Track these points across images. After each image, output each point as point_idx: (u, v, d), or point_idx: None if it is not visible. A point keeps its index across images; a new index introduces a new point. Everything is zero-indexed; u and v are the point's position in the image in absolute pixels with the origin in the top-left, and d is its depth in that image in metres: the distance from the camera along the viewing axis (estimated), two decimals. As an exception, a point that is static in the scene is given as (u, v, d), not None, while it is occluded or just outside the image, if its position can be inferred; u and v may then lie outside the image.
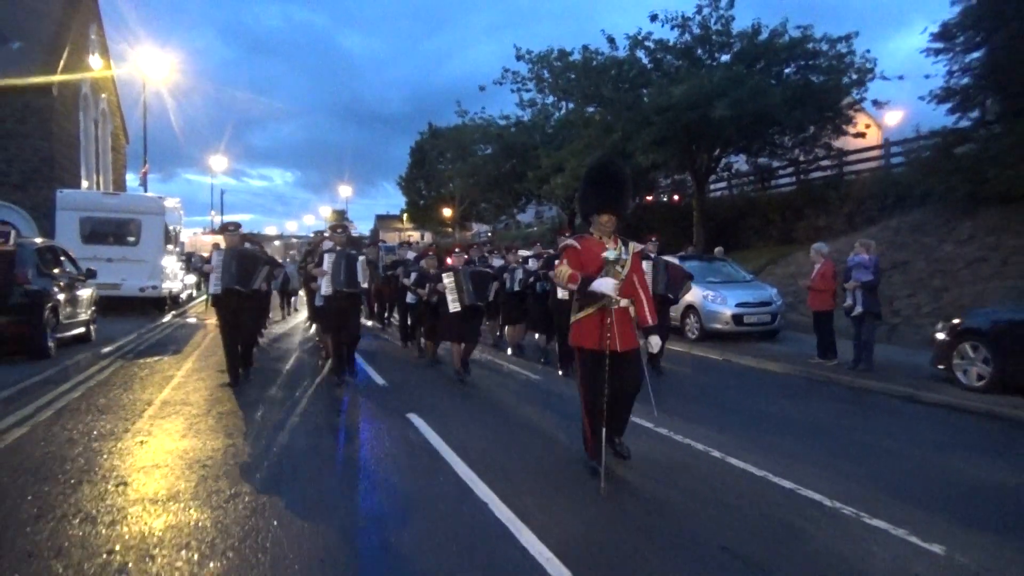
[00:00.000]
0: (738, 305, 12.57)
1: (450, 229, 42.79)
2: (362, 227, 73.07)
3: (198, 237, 35.68)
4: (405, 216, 51.95)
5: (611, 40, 19.38)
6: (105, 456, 5.07)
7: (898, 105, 22.15)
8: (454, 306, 8.35)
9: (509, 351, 11.09)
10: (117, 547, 3.49)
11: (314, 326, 11.98)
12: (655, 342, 5.00)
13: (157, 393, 7.45)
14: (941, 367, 8.12)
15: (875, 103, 19.24)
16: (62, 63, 21.94)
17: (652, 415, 5.74)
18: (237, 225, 8.56)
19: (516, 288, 10.30)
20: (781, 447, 5.62)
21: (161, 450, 5.26)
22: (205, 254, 14.99)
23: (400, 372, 9.34)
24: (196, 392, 7.59)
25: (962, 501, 4.47)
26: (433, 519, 3.97)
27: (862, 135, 19.64)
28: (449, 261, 9.04)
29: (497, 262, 11.74)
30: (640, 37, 18.86)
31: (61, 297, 9.36)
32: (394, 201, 50.95)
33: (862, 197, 18.42)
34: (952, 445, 5.95)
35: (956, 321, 8.16)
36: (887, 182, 17.53)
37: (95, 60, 26.06)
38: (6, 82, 19.92)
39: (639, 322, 4.97)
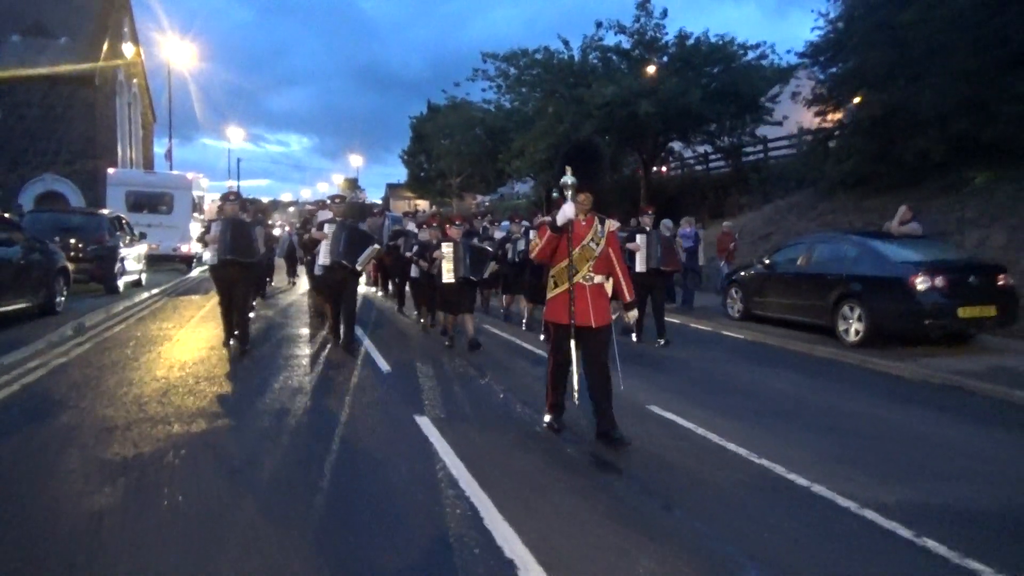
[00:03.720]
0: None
1: (449, 199, 46.55)
2: (373, 195, 76.50)
3: (215, 204, 39.56)
4: (406, 188, 55.61)
5: (566, 43, 22.90)
6: (162, 344, 8.95)
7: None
8: (448, 276, 8.41)
9: (504, 312, 11.46)
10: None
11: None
12: (633, 315, 5.32)
13: (193, 314, 11.31)
14: (723, 306, 11.84)
15: (792, 97, 22.61)
16: (102, 55, 25.72)
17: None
18: (236, 194, 8.65)
19: (518, 259, 10.15)
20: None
21: (183, 352, 9.07)
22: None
23: (405, 353, 8.45)
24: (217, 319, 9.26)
25: (716, 392, 8.11)
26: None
27: (779, 124, 23.01)
28: (450, 232, 8.80)
29: (499, 234, 11.82)
30: (593, 40, 22.43)
31: (124, 252, 13.23)
32: (404, 171, 54.00)
33: (772, 179, 21.96)
34: (715, 358, 9.20)
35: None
36: (785, 168, 21.03)
37: (128, 48, 29.74)
38: (53, 71, 23.72)
39: (618, 298, 5.20)
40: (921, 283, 8.21)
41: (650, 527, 3.55)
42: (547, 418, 5.22)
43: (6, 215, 10.39)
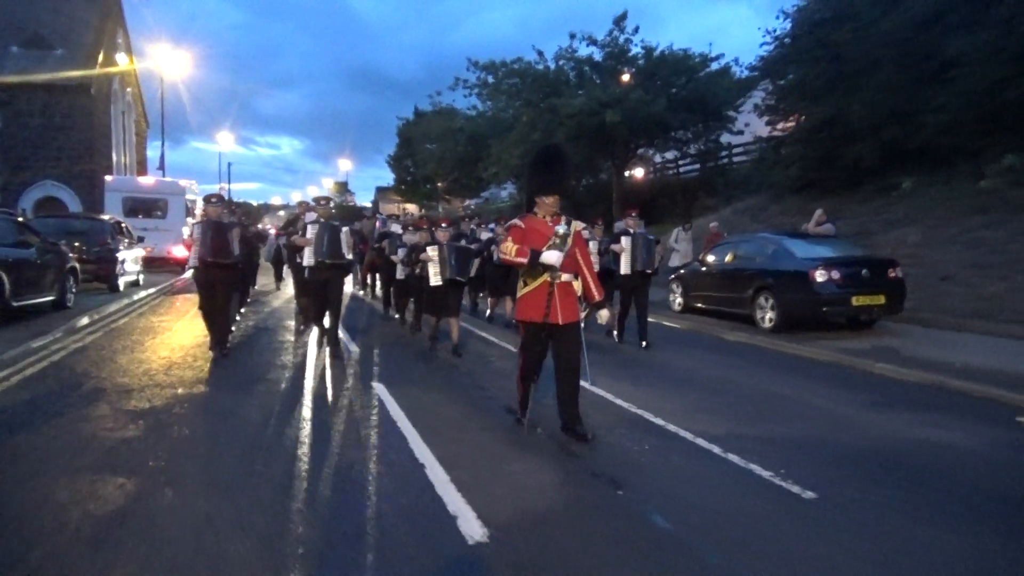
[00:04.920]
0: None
1: (435, 203, 47.80)
2: (364, 198, 77.52)
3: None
4: (394, 191, 56.76)
5: (540, 54, 24.24)
6: (163, 332, 10.18)
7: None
8: (435, 279, 8.46)
9: (488, 314, 11.65)
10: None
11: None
12: (604, 315, 5.47)
13: (189, 309, 12.52)
14: (668, 300, 13.17)
15: (755, 107, 24.01)
16: (98, 65, 26.88)
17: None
18: (219, 196, 8.63)
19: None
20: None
21: (181, 337, 10.30)
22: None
23: (376, 340, 9.47)
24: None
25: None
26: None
27: (740, 132, 24.36)
28: (437, 234, 8.90)
29: (485, 235, 11.87)
30: (567, 51, 23.81)
31: (124, 254, 14.44)
32: (391, 175, 55.13)
33: (734, 184, 23.36)
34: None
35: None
36: (744, 173, 22.41)
37: (122, 58, 30.91)
38: (52, 80, 24.89)
39: (587, 298, 5.33)
40: (820, 276, 9.53)
41: (538, 451, 4.82)
42: (521, 417, 5.31)
43: (21, 220, 11.57)
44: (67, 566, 3.06)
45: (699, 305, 12.03)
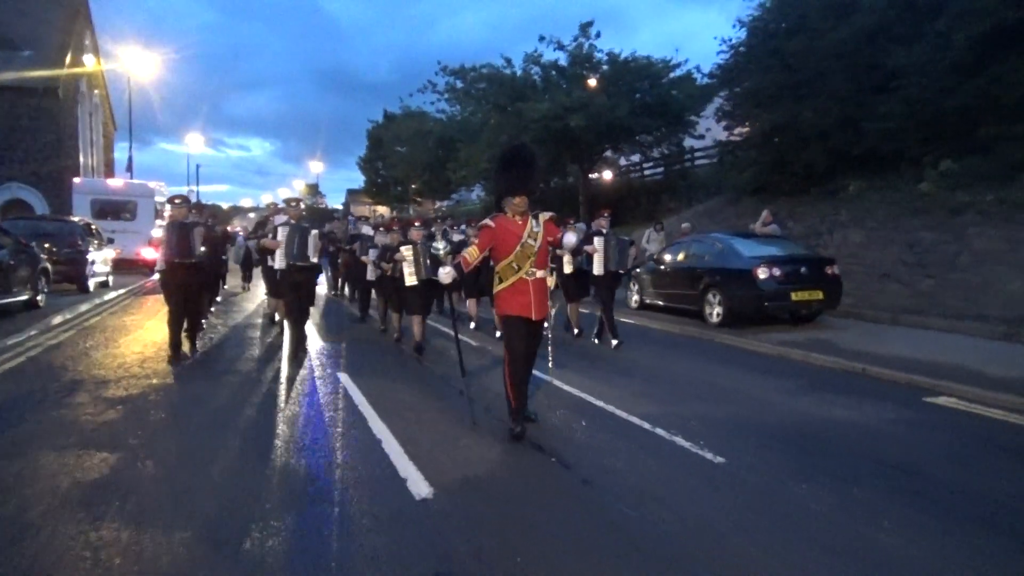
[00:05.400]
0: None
1: (406, 205, 48.14)
2: (335, 200, 77.43)
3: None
4: (365, 193, 56.98)
5: (508, 61, 24.83)
6: (135, 330, 10.50)
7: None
8: (411, 280, 8.43)
9: (472, 325, 10.98)
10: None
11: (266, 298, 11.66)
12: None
13: (160, 309, 12.78)
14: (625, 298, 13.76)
15: (715, 112, 24.81)
16: (65, 67, 26.85)
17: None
18: (184, 198, 8.53)
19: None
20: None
21: (153, 335, 10.64)
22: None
23: (344, 337, 9.81)
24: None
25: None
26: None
27: (702, 137, 25.12)
28: (412, 235, 8.92)
29: (457, 237, 11.75)
30: (534, 55, 24.39)
31: (94, 256, 14.65)
32: (362, 177, 55.39)
33: (695, 186, 24.12)
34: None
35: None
36: (704, 176, 23.18)
37: (89, 59, 30.84)
38: (20, 81, 24.87)
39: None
40: (762, 273, 10.17)
41: (487, 430, 5.31)
42: (514, 426, 5.11)
43: (-5, 222, 11.80)
44: (61, 522, 3.48)
45: (655, 302, 12.63)
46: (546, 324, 5.71)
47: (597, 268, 9.29)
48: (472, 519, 3.62)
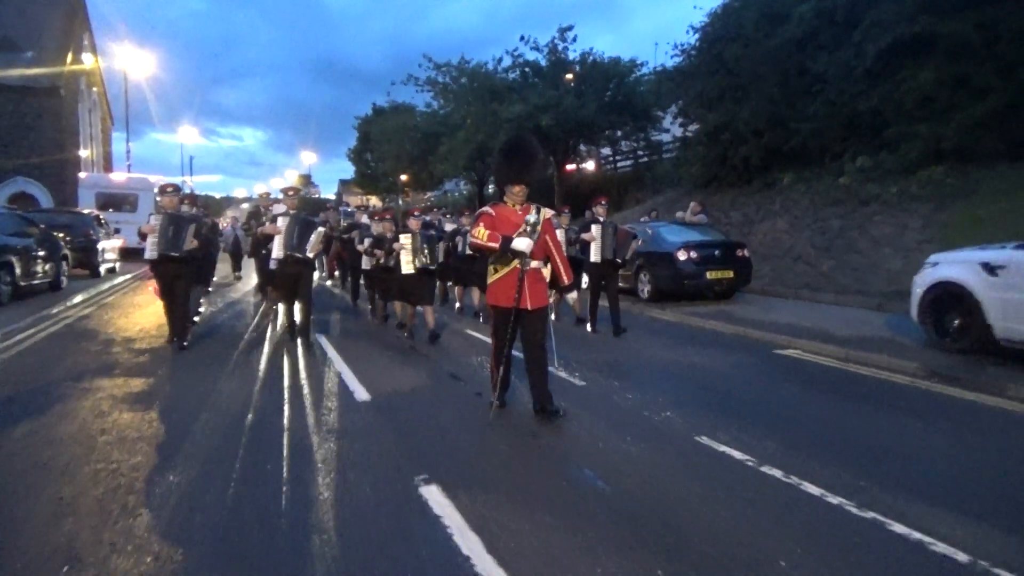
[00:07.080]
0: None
1: (395, 196, 49.91)
2: (327, 190, 78.95)
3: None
4: (356, 184, 58.65)
5: (498, 61, 26.63)
6: (147, 306, 12.25)
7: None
8: (407, 268, 8.56)
9: (457, 306, 11.61)
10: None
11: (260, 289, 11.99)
12: (572, 297, 5.77)
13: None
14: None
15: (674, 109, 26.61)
16: (66, 66, 28.46)
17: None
18: (175, 187, 8.42)
19: (468, 251, 9.68)
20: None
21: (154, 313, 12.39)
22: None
23: (336, 322, 11.05)
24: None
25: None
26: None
27: (666, 131, 26.92)
28: (409, 223, 8.95)
29: (449, 226, 12.00)
30: (514, 53, 26.17)
31: (103, 244, 16.38)
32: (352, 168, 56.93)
33: (658, 179, 25.97)
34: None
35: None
36: (665, 169, 25.02)
37: (88, 58, 32.41)
38: (23, 75, 26.48)
39: (558, 282, 5.61)
40: (681, 255, 12.00)
41: (424, 367, 7.11)
42: (494, 398, 5.50)
43: (21, 213, 13.51)
44: (123, 411, 5.28)
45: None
46: (552, 316, 6.47)
47: (594, 256, 9.36)
48: (392, 410, 5.43)
